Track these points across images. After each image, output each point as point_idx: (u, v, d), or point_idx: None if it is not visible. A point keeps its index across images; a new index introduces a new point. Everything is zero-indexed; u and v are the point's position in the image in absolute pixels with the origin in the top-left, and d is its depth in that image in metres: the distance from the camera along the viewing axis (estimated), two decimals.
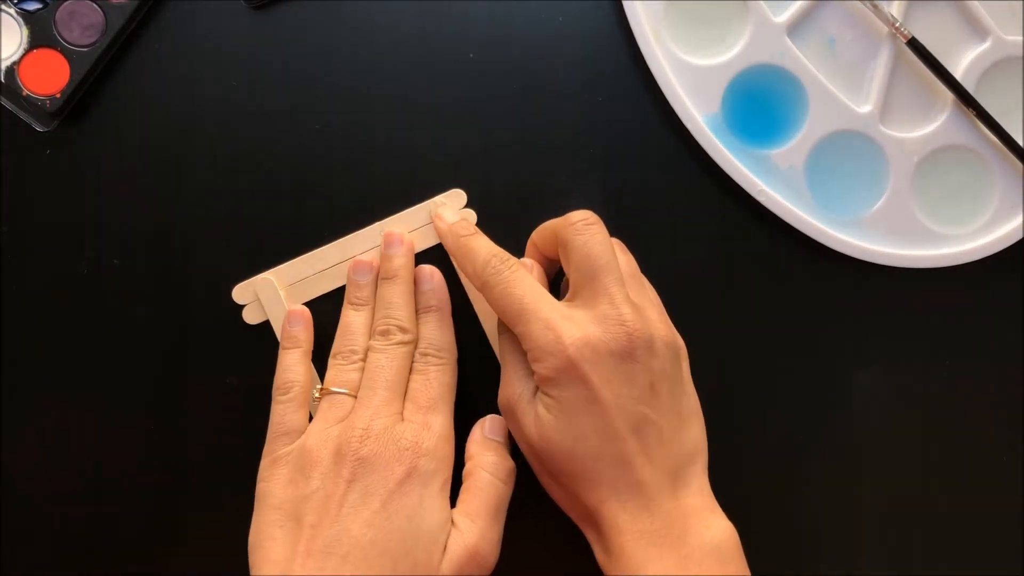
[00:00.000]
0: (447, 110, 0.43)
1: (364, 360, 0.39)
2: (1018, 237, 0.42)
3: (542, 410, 0.35)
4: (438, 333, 0.40)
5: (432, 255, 0.42)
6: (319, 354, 0.42)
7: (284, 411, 0.39)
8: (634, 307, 0.35)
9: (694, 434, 0.37)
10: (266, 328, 0.42)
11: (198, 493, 0.43)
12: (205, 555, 0.43)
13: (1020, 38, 0.42)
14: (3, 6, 0.40)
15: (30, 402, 0.42)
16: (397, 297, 0.40)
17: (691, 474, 0.36)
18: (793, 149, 0.42)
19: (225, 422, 0.43)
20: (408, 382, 0.39)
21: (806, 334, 0.44)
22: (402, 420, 0.37)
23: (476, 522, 0.36)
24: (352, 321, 0.41)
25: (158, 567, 0.43)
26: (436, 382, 0.39)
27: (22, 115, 0.41)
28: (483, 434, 0.40)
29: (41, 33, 0.40)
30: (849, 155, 0.42)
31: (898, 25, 0.41)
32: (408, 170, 0.43)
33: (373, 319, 0.40)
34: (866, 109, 0.42)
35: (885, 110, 0.42)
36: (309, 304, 0.42)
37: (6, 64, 0.41)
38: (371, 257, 0.42)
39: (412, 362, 0.40)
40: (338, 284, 0.42)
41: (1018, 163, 0.42)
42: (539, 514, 0.41)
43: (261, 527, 0.36)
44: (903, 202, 0.42)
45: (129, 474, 0.43)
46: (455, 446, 0.38)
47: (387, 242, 0.41)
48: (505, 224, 0.42)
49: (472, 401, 0.42)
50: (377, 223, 0.42)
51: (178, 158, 0.42)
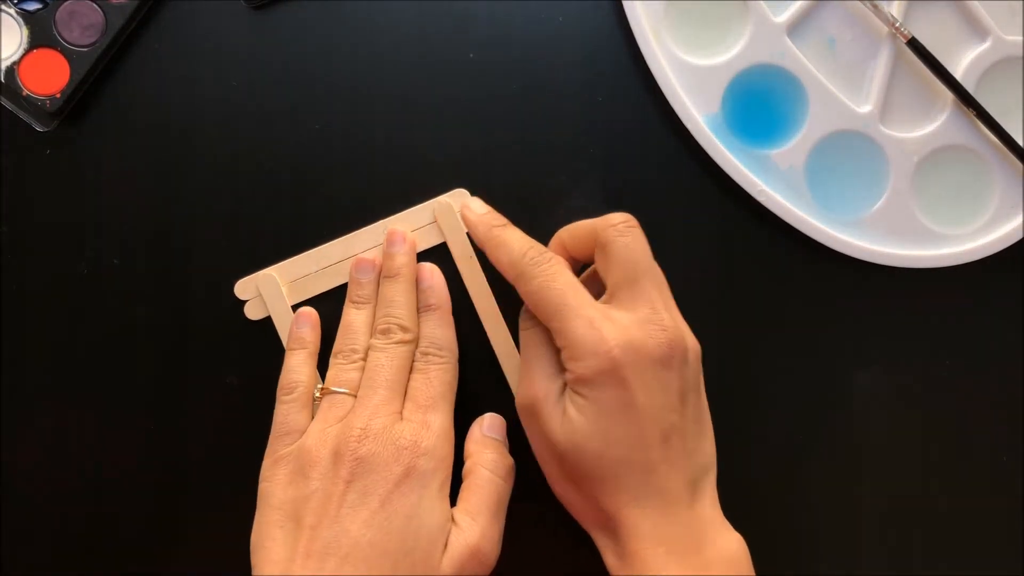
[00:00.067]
0: (447, 110, 0.43)
1: (365, 359, 0.39)
2: (1018, 237, 0.42)
3: (572, 411, 0.35)
4: (439, 332, 0.40)
5: (434, 255, 0.42)
6: (321, 351, 0.42)
7: (287, 411, 0.39)
8: (672, 314, 0.35)
9: (709, 445, 0.37)
10: (267, 325, 0.42)
11: (198, 493, 0.43)
12: (205, 555, 0.43)
13: (1020, 38, 0.42)
14: (3, 6, 0.40)
15: (30, 402, 0.42)
16: (399, 295, 0.40)
17: (706, 484, 0.36)
18: (793, 149, 0.42)
19: (225, 422, 0.43)
20: (408, 381, 0.39)
21: (806, 334, 0.44)
22: (401, 419, 0.37)
23: (477, 520, 0.36)
24: (353, 320, 0.41)
25: (158, 567, 0.43)
26: (436, 381, 0.39)
27: (22, 115, 0.41)
28: (482, 432, 0.40)
29: (41, 33, 0.40)
30: (849, 155, 0.42)
31: (898, 25, 0.41)
32: (408, 170, 0.43)
33: (375, 317, 0.40)
34: (866, 109, 0.42)
35: (885, 110, 0.42)
36: (311, 301, 0.42)
37: (6, 64, 0.41)
38: (373, 255, 0.42)
39: (413, 361, 0.39)
40: (340, 281, 0.42)
41: (1018, 163, 0.42)
42: (538, 515, 0.41)
43: (262, 527, 0.36)
44: (903, 202, 0.42)
45: (129, 474, 0.43)
46: (455, 444, 0.38)
47: (389, 240, 0.41)
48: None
49: (473, 399, 0.42)
50: (380, 221, 0.42)
51: (178, 158, 0.42)
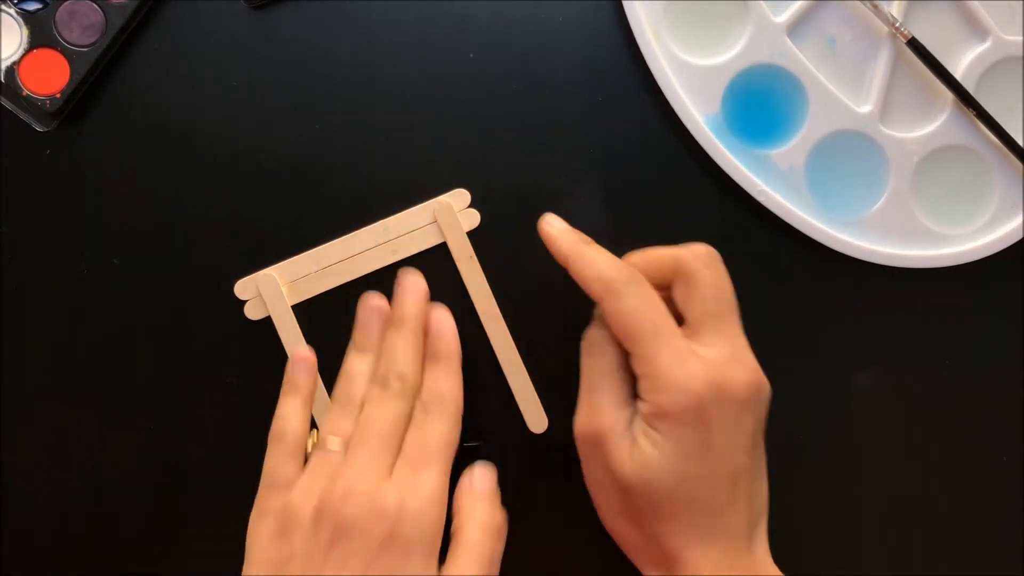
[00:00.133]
0: (447, 110, 0.43)
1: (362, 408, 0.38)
2: (1018, 237, 0.42)
3: (646, 444, 0.33)
4: (443, 383, 0.38)
5: (434, 255, 0.42)
6: (323, 361, 0.42)
7: (276, 461, 0.38)
8: (751, 354, 0.35)
9: (767, 487, 0.36)
10: (267, 325, 0.42)
11: (198, 493, 0.43)
12: (205, 555, 0.43)
13: (1020, 38, 0.42)
14: (3, 6, 0.40)
15: (30, 402, 0.42)
16: (402, 344, 0.39)
17: (761, 528, 0.36)
18: (793, 149, 0.42)
19: (225, 422, 0.43)
20: (405, 434, 0.37)
21: (806, 334, 0.44)
22: (389, 478, 0.36)
23: None
24: (354, 367, 0.39)
25: (158, 567, 0.43)
26: (434, 437, 0.37)
27: (22, 115, 0.41)
28: (472, 486, 0.39)
29: (41, 33, 0.40)
30: (849, 155, 0.42)
31: (898, 25, 0.41)
32: (408, 170, 0.43)
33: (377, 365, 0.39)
34: (866, 109, 0.42)
35: (885, 110, 0.42)
36: (311, 301, 0.42)
37: (6, 64, 0.41)
38: (381, 301, 0.41)
39: (412, 412, 0.38)
40: (341, 281, 0.42)
41: (1018, 163, 0.42)
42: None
43: None
44: (903, 202, 0.42)
45: (129, 474, 0.43)
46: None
47: (400, 285, 0.40)
48: (505, 224, 0.42)
49: (472, 403, 0.42)
50: (380, 221, 0.42)
51: (178, 158, 0.42)
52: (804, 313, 0.43)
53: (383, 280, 0.42)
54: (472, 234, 0.42)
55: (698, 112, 0.42)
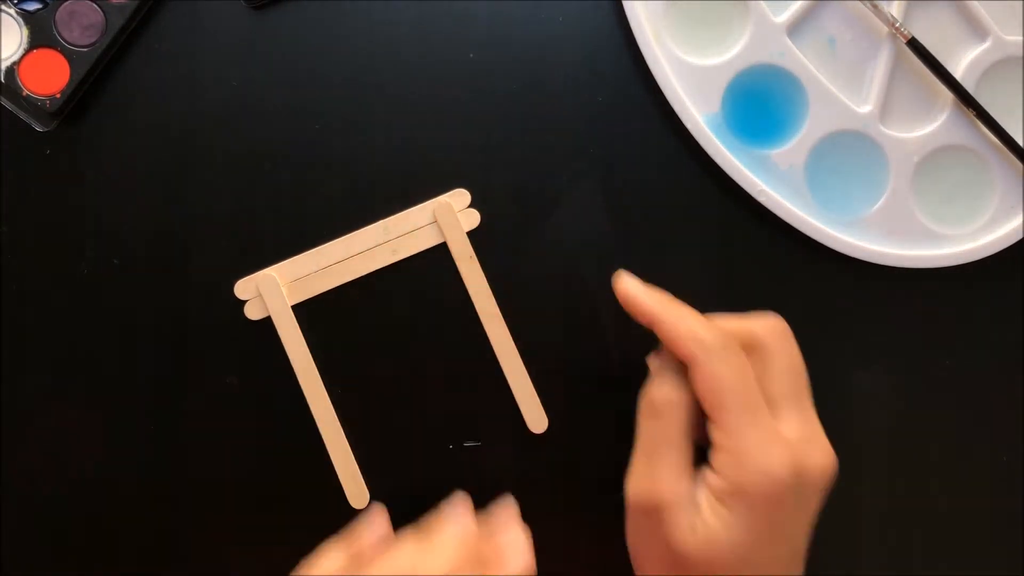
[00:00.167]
0: (447, 110, 0.43)
1: None
2: (1018, 237, 0.42)
3: (712, 520, 0.32)
4: None
5: (434, 255, 0.42)
6: (321, 351, 0.42)
7: None
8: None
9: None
10: (267, 325, 0.42)
11: (198, 493, 0.43)
12: (205, 555, 0.43)
13: (1020, 38, 0.42)
14: (3, 6, 0.40)
15: (30, 402, 0.42)
16: None
17: None
18: (793, 149, 0.42)
19: (225, 422, 0.43)
20: None
21: (806, 334, 0.43)
22: None
23: None
24: None
25: (158, 567, 0.43)
26: None
27: (22, 115, 0.41)
28: None
29: (41, 33, 0.40)
30: (849, 155, 0.42)
31: (898, 25, 0.41)
32: (408, 170, 0.43)
33: None
34: (866, 109, 0.42)
35: (885, 110, 0.42)
36: (311, 300, 0.42)
37: (6, 64, 0.41)
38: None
39: None
40: (341, 281, 0.42)
41: (1018, 163, 0.42)
42: None
43: None
44: (903, 202, 0.42)
45: (129, 474, 0.43)
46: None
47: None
48: (505, 224, 0.42)
49: (471, 400, 0.42)
50: (380, 221, 0.42)
51: (178, 158, 0.42)
52: (804, 313, 0.43)
53: (383, 280, 0.43)
54: (472, 234, 0.42)
55: (698, 112, 0.42)
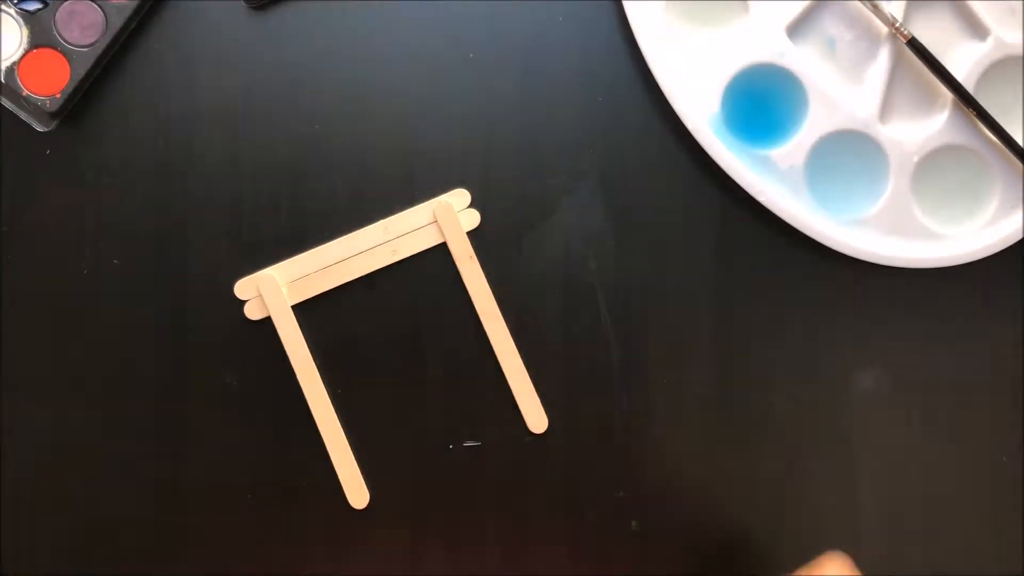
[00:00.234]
0: (447, 110, 0.43)
1: None
2: (1018, 237, 0.42)
3: None
4: None
5: (434, 255, 0.42)
6: (321, 351, 0.42)
7: None
8: None
9: None
10: (267, 325, 0.42)
11: (198, 493, 0.43)
12: (205, 555, 0.43)
13: (1020, 38, 0.42)
14: (3, 6, 0.40)
15: (30, 402, 0.42)
16: None
17: None
18: (793, 149, 0.42)
19: (225, 422, 0.43)
20: None
21: (806, 334, 0.44)
22: None
23: None
24: None
25: (158, 567, 0.43)
26: None
27: (22, 115, 0.41)
28: None
29: (41, 33, 0.40)
30: (849, 155, 0.42)
31: (898, 25, 0.41)
32: (408, 170, 0.43)
33: None
34: (866, 109, 0.42)
35: (885, 110, 0.42)
36: (311, 301, 0.42)
37: (6, 64, 0.41)
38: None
39: None
40: (341, 281, 0.42)
41: (1018, 163, 0.42)
42: None
43: None
44: (903, 202, 0.42)
45: (129, 474, 0.43)
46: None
47: None
48: (505, 224, 0.42)
49: (472, 399, 0.42)
50: (380, 221, 0.42)
51: (178, 158, 0.42)
52: (804, 313, 0.44)
53: (383, 279, 0.43)
54: (472, 234, 0.42)
55: (698, 112, 0.42)
